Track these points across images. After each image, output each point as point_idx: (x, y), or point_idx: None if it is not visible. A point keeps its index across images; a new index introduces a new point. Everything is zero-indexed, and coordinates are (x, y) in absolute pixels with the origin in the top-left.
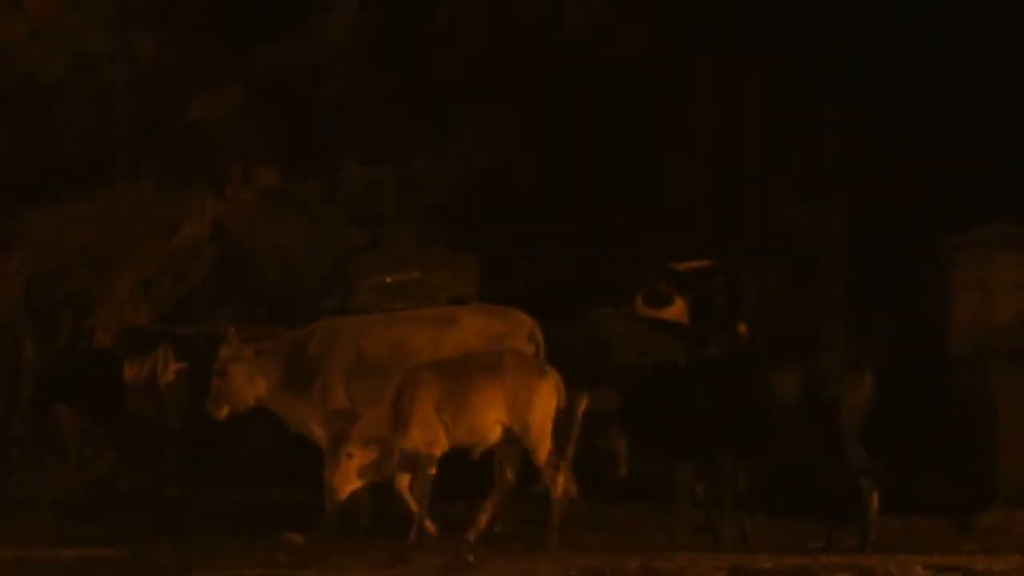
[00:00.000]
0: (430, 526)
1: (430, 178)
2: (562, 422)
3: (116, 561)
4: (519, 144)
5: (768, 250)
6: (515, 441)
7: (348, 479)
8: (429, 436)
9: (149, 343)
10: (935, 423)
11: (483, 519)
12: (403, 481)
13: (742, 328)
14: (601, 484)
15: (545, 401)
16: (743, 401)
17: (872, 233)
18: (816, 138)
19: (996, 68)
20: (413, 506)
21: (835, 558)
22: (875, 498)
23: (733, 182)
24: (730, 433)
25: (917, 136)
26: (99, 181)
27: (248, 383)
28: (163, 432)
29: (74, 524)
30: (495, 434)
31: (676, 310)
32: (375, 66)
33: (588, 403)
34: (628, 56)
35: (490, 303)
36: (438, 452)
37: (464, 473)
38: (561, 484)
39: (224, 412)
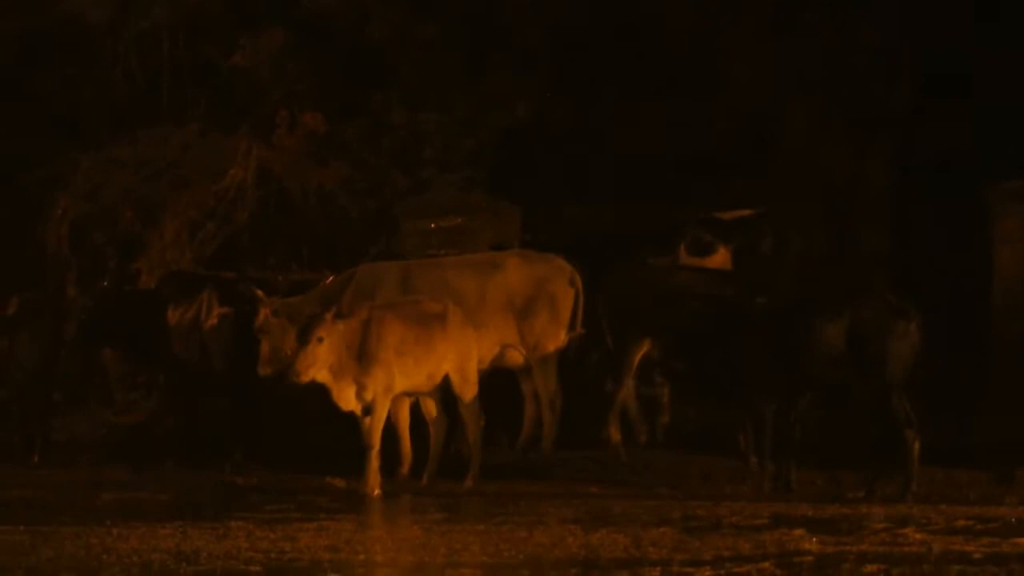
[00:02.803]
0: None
1: (474, 124)
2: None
3: (157, 505)
4: (563, 91)
5: (812, 199)
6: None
7: (314, 361)
8: (389, 379)
9: (193, 287)
10: (978, 373)
11: (475, 463)
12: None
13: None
14: (645, 431)
15: (478, 351)
16: (788, 350)
17: (916, 182)
18: (860, 87)
19: None
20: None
21: (876, 507)
22: (917, 447)
23: (777, 130)
24: (775, 381)
25: (960, 86)
26: (145, 125)
27: (283, 338)
28: (206, 376)
29: (115, 467)
30: (438, 381)
31: (719, 259)
32: (420, 10)
33: (649, 350)
34: (672, 4)
35: (531, 250)
36: (392, 395)
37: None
38: (479, 426)
39: (268, 370)
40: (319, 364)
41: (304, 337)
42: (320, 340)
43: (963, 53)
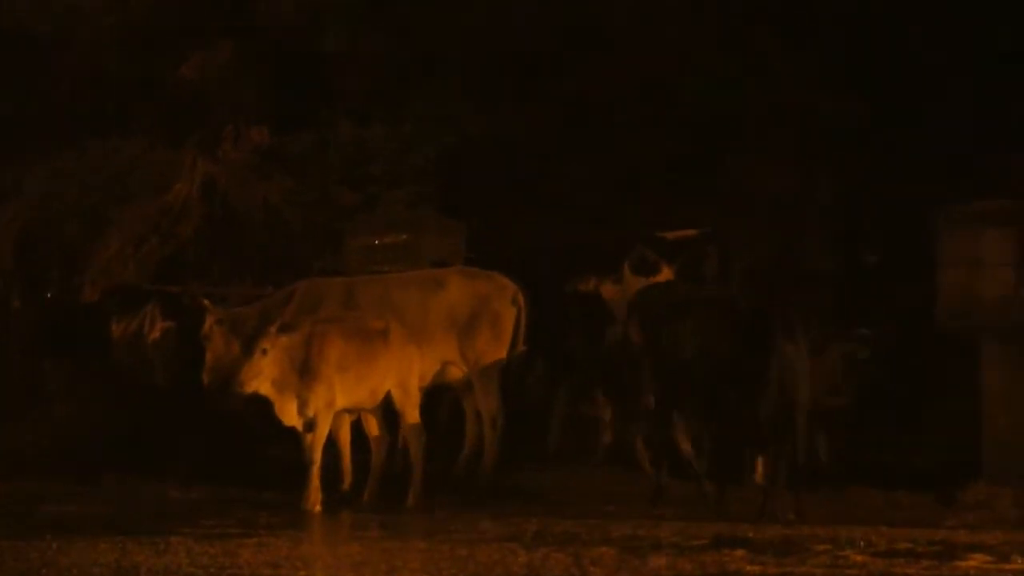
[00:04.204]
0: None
1: (421, 141)
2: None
3: (97, 518)
4: (510, 110)
5: (757, 219)
6: None
7: (258, 373)
8: (330, 394)
9: (137, 300)
10: (921, 397)
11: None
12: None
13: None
14: (587, 451)
15: (420, 368)
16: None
17: (862, 206)
18: (807, 108)
19: (991, 45)
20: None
21: (817, 529)
22: (759, 465)
23: (723, 150)
24: (693, 397)
25: (908, 109)
26: (92, 137)
27: (227, 348)
28: (150, 390)
29: (56, 480)
30: (380, 397)
31: (663, 278)
32: (369, 26)
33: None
34: (617, 21)
35: (476, 267)
36: (333, 410)
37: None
38: (421, 444)
39: (211, 378)
40: (263, 376)
41: (249, 349)
42: (264, 352)
43: (911, 75)
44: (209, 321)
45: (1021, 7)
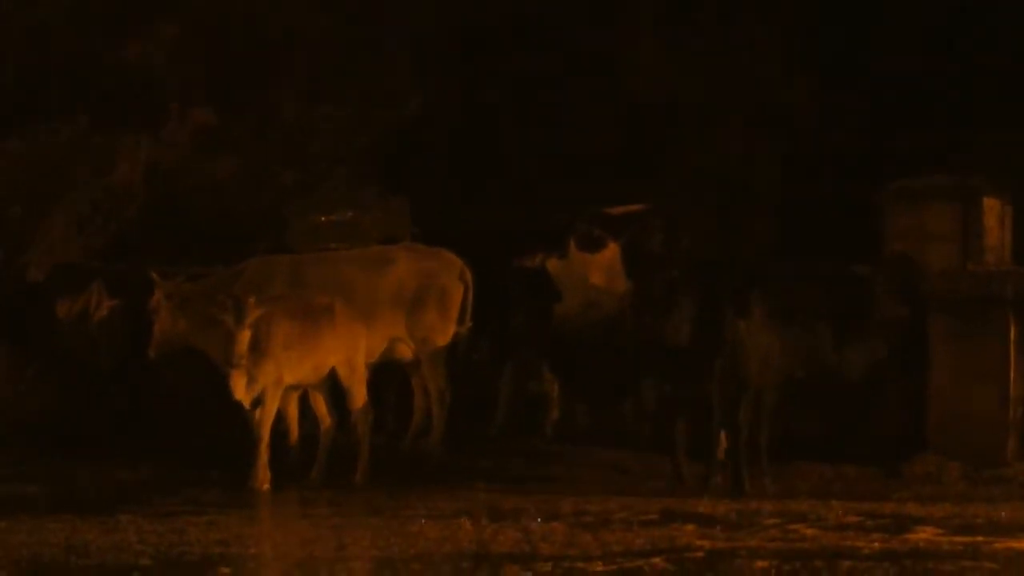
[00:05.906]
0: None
1: (366, 119)
2: None
3: (45, 498)
4: (454, 87)
5: (704, 194)
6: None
7: (245, 348)
8: (277, 372)
9: (82, 280)
10: (867, 371)
11: (364, 457)
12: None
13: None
14: (535, 427)
15: (367, 345)
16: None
17: (806, 180)
18: (752, 85)
19: (933, 22)
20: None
21: (766, 504)
22: (722, 439)
23: (669, 127)
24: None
25: (852, 85)
26: (34, 118)
27: (171, 323)
28: (96, 369)
29: (2, 460)
30: (324, 374)
31: (609, 254)
32: (312, 5)
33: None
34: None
35: (423, 245)
36: (281, 388)
37: None
38: (368, 420)
39: (156, 353)
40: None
41: (240, 322)
42: (250, 327)
43: (856, 50)
44: (158, 295)
45: None
